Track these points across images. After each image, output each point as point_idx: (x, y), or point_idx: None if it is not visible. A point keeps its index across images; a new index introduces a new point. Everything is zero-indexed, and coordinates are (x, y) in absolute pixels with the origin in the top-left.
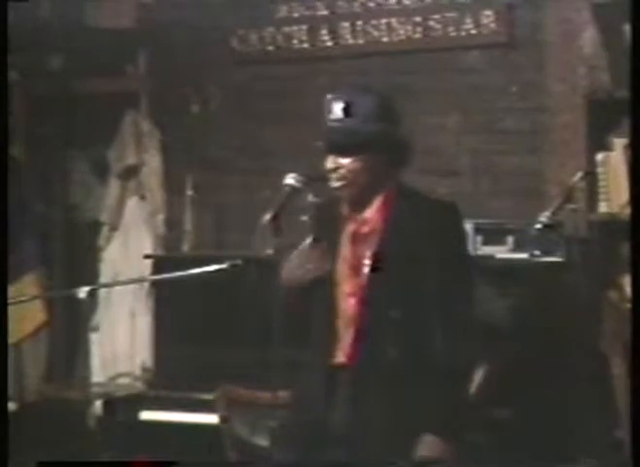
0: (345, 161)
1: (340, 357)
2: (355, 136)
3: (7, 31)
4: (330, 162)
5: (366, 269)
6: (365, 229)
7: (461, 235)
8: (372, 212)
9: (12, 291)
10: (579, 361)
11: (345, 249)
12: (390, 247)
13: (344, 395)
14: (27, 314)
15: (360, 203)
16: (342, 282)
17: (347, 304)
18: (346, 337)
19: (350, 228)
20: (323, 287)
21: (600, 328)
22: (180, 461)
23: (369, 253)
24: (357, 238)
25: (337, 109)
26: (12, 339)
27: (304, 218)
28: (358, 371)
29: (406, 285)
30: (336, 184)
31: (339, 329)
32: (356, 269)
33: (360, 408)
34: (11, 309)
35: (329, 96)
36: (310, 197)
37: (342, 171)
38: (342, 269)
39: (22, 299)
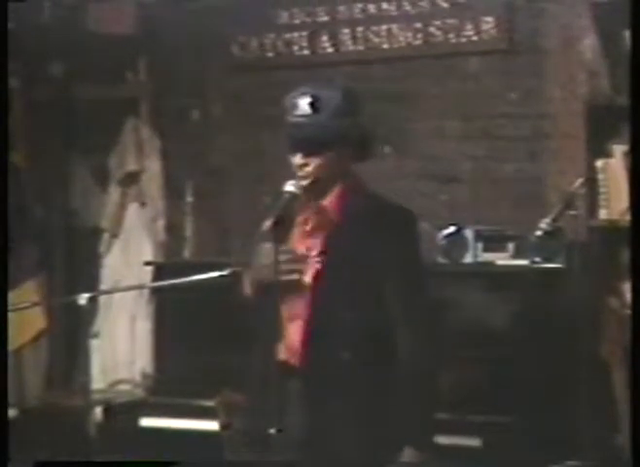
0: (313, 157)
1: (284, 354)
2: (324, 131)
3: (7, 36)
4: (298, 158)
5: (311, 264)
6: (317, 219)
7: (414, 239)
8: (329, 203)
9: (12, 297)
10: (579, 367)
11: (294, 240)
12: (343, 241)
13: (292, 395)
14: (27, 321)
15: (317, 193)
16: (287, 276)
17: (292, 300)
18: (291, 333)
19: (300, 219)
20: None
21: (601, 334)
22: (180, 461)
23: (316, 247)
24: (307, 230)
25: (304, 104)
26: (12, 345)
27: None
28: (305, 370)
29: (357, 283)
30: (304, 182)
31: (286, 326)
32: (300, 262)
33: (312, 407)
34: (11, 316)
35: (292, 93)
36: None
37: (309, 169)
38: (288, 261)
39: (23, 305)
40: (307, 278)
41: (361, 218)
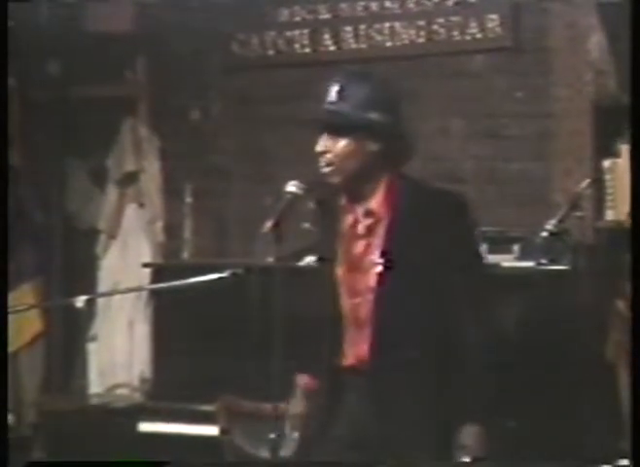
0: (335, 144)
1: (350, 360)
2: (345, 120)
3: (7, 36)
4: (320, 145)
5: (375, 267)
6: (368, 221)
7: (470, 224)
8: (376, 203)
9: (9, 300)
10: (585, 370)
11: (346, 244)
12: (400, 240)
13: (360, 400)
14: (24, 324)
15: (358, 193)
16: (345, 280)
17: (353, 303)
18: (356, 339)
19: (349, 220)
20: (321, 286)
21: (607, 337)
22: (173, 461)
23: (376, 248)
24: (359, 232)
25: (333, 92)
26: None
27: (306, 225)
28: (375, 373)
29: (420, 280)
30: (324, 169)
31: (346, 330)
32: (360, 265)
33: (382, 410)
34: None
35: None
36: (311, 205)
37: (330, 155)
38: (344, 265)
39: (20, 308)
40: (372, 282)
41: (413, 212)
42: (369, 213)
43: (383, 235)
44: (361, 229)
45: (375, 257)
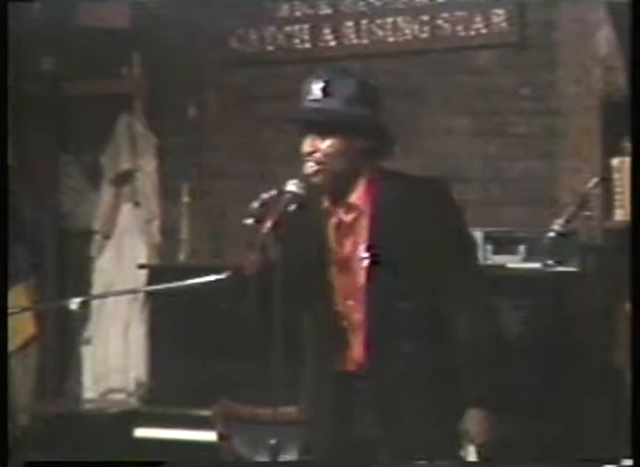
0: (323, 143)
1: (351, 366)
2: (335, 117)
3: (7, 36)
4: (307, 145)
5: (361, 265)
6: (350, 216)
7: (456, 208)
8: (357, 197)
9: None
10: (592, 373)
11: (334, 246)
12: (386, 233)
13: (363, 403)
14: (16, 327)
15: (340, 192)
16: (338, 283)
17: (348, 307)
18: (356, 343)
19: (334, 222)
20: (318, 290)
21: (615, 339)
22: (167, 461)
23: (362, 244)
24: (342, 230)
25: (316, 89)
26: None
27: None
28: (375, 376)
29: (408, 272)
30: (310, 169)
31: (346, 335)
32: (348, 265)
33: (386, 411)
34: None
35: (308, 79)
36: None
37: (318, 155)
38: (334, 267)
39: (12, 311)
40: (362, 280)
41: (397, 203)
42: (350, 208)
43: (367, 230)
44: (345, 227)
45: (361, 252)
